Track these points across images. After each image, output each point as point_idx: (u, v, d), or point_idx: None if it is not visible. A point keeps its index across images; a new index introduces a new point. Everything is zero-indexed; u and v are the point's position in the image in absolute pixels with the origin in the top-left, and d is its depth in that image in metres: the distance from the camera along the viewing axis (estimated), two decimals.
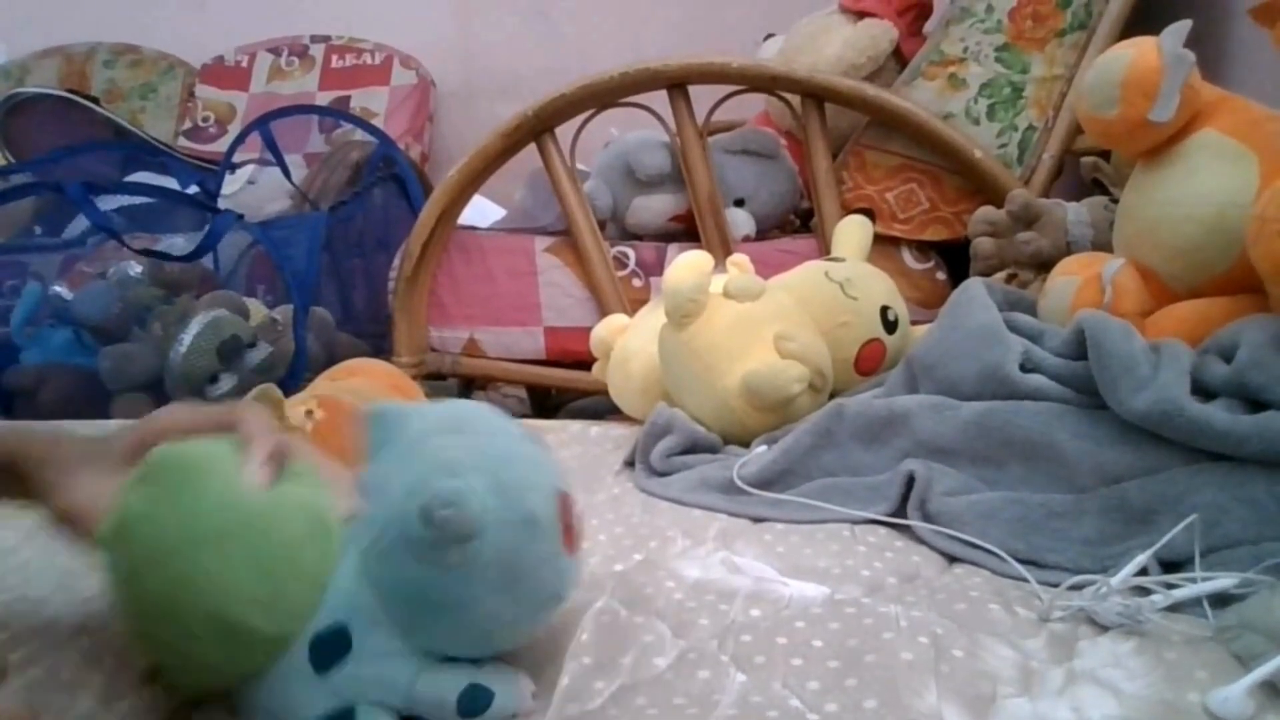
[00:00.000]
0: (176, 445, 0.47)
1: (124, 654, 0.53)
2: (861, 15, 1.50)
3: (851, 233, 1.06)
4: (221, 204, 1.81)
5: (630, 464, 0.85)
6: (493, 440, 0.48)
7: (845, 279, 0.94)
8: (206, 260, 1.59)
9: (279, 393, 0.68)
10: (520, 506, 0.45)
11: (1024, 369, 0.70)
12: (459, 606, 0.44)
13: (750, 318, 0.86)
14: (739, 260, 0.96)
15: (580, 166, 1.51)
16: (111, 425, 0.53)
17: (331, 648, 0.44)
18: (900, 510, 0.68)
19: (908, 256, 1.39)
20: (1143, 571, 0.55)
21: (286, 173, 1.96)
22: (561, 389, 1.56)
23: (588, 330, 1.09)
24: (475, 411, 0.50)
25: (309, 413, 0.69)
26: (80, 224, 1.76)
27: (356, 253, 1.80)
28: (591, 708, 0.47)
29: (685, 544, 0.66)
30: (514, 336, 1.51)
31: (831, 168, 1.39)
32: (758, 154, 1.48)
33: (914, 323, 0.99)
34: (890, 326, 0.94)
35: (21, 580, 0.64)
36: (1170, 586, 0.54)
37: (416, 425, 0.48)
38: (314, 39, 2.79)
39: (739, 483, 0.74)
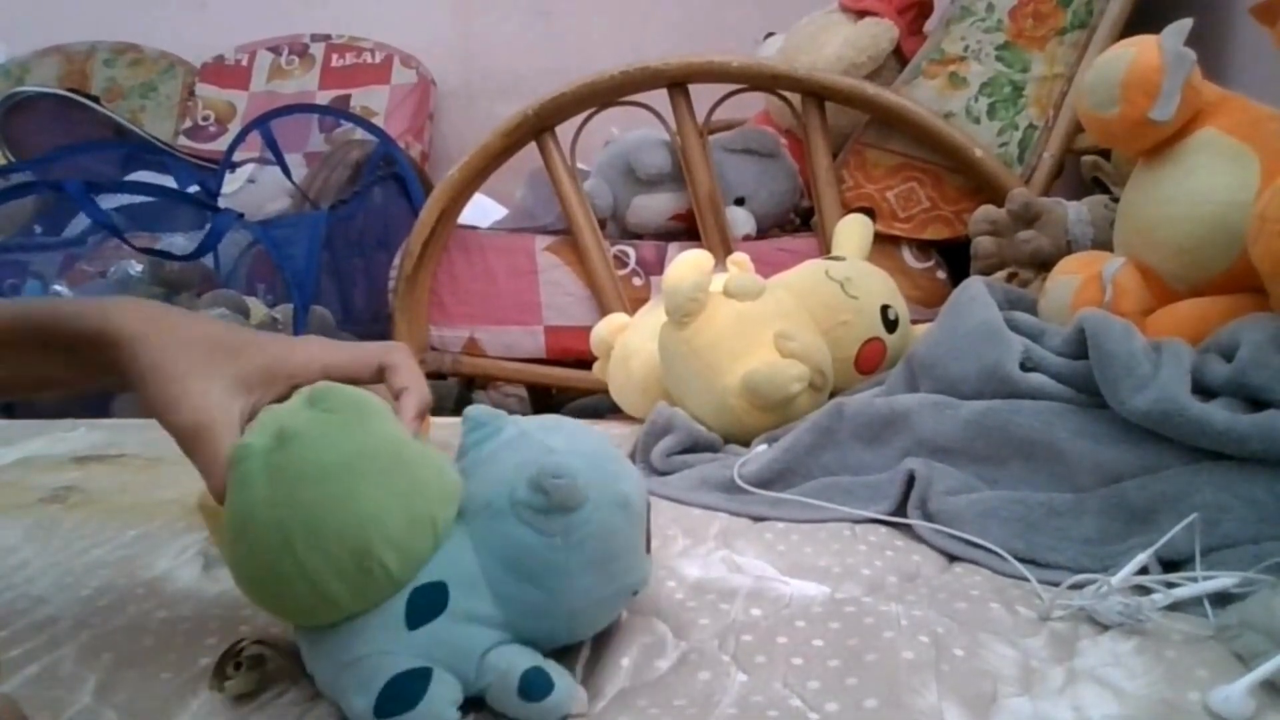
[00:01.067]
0: (345, 386, 0.47)
1: (122, 650, 0.53)
2: (862, 14, 1.50)
3: (852, 231, 1.06)
4: (221, 203, 1.81)
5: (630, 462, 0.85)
6: (583, 437, 0.51)
7: (845, 278, 0.94)
8: (207, 259, 1.59)
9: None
10: (618, 490, 0.47)
11: (1024, 368, 0.70)
12: (554, 574, 0.46)
13: (750, 317, 0.86)
14: (739, 259, 0.96)
15: (580, 165, 1.52)
16: (229, 335, 0.50)
17: (429, 604, 0.45)
18: (901, 509, 0.68)
19: (908, 255, 1.39)
20: (1143, 570, 0.55)
21: (287, 172, 1.96)
22: (562, 388, 1.56)
23: (588, 329, 1.09)
24: (563, 420, 0.53)
25: None
26: (80, 223, 1.76)
27: (357, 252, 1.80)
28: (593, 710, 0.47)
29: (686, 543, 0.66)
30: (514, 335, 1.51)
31: (832, 166, 1.39)
32: (758, 153, 1.48)
33: (914, 322, 0.99)
34: (890, 325, 0.94)
35: (22, 579, 0.65)
36: (1171, 585, 0.54)
37: (512, 426, 0.51)
38: (314, 38, 2.80)
39: (739, 482, 0.74)
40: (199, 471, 0.47)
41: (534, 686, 0.45)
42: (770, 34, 1.80)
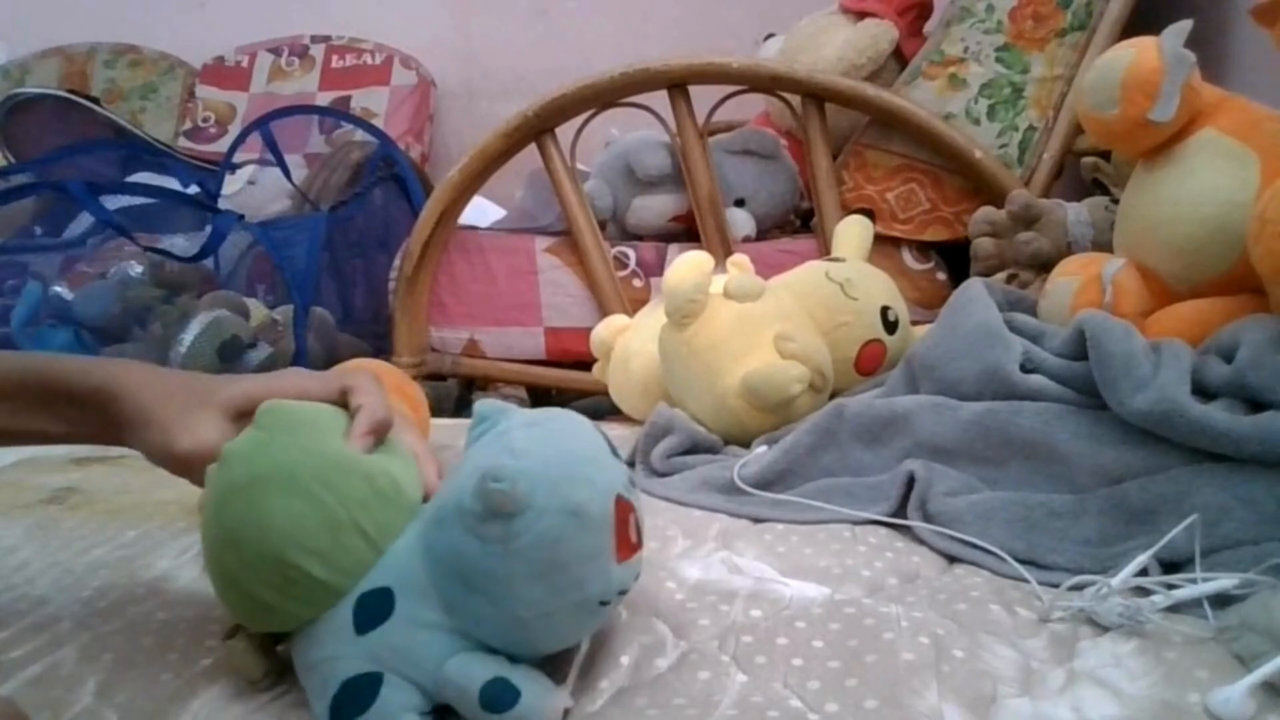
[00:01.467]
0: (288, 401, 0.51)
1: (123, 650, 0.53)
2: (862, 15, 1.50)
3: (852, 233, 1.06)
4: (222, 204, 1.81)
5: (630, 464, 0.85)
6: (562, 436, 0.49)
7: (845, 279, 0.94)
8: (207, 260, 1.59)
9: None
10: (569, 497, 0.45)
11: (1024, 369, 0.70)
12: (495, 583, 0.45)
13: (750, 318, 0.86)
14: (739, 260, 0.96)
15: (580, 166, 1.52)
16: (213, 379, 0.57)
17: (374, 609, 0.46)
18: (901, 510, 0.68)
19: (908, 257, 1.39)
20: (1143, 572, 0.55)
21: (287, 173, 1.96)
22: (561, 389, 1.56)
23: (588, 330, 1.09)
24: (562, 414, 0.52)
25: None
26: (80, 224, 1.76)
27: (357, 253, 1.80)
28: (592, 710, 0.47)
29: (686, 544, 0.66)
30: (514, 336, 1.51)
31: (832, 168, 1.39)
32: (758, 154, 1.48)
33: (914, 323, 0.99)
34: (890, 327, 0.94)
35: (23, 580, 0.65)
36: (1171, 587, 0.54)
37: (505, 421, 0.50)
38: (314, 39, 2.80)
39: (739, 483, 0.74)
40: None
41: (496, 699, 0.44)
42: (770, 35, 1.80)
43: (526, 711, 0.44)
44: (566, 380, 1.50)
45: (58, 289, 1.54)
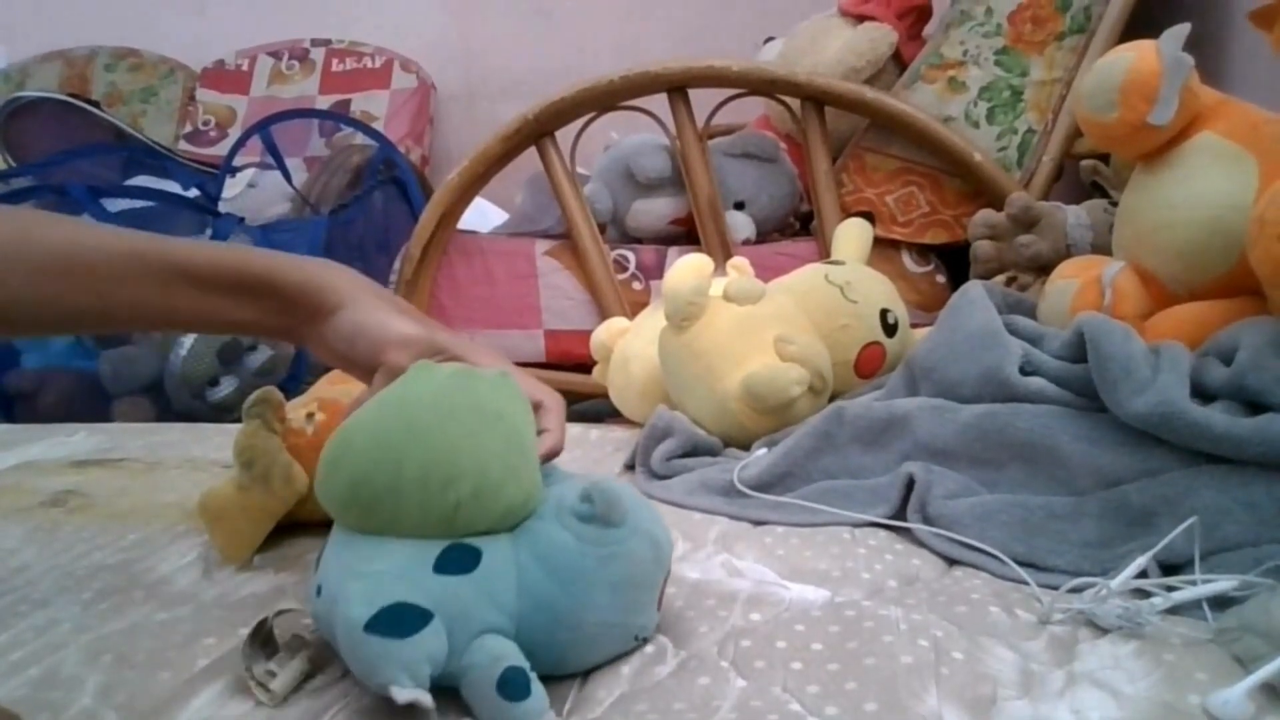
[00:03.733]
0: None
1: (122, 652, 0.53)
2: (861, 18, 1.50)
3: (851, 236, 1.06)
4: (222, 208, 1.81)
5: (630, 467, 0.85)
6: (637, 493, 0.55)
7: (845, 282, 0.94)
8: None
9: (280, 395, 0.68)
10: (654, 531, 0.51)
11: (1024, 372, 0.70)
12: (578, 578, 0.48)
13: (750, 321, 0.86)
14: (739, 263, 0.96)
15: (580, 170, 1.52)
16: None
17: (461, 560, 0.48)
18: (900, 513, 0.68)
19: (908, 259, 1.40)
20: (1143, 574, 0.55)
21: (287, 176, 1.96)
22: (561, 392, 1.56)
23: (588, 333, 1.09)
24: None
25: (310, 415, 0.69)
26: None
27: (357, 256, 1.80)
28: (593, 717, 0.47)
29: (685, 547, 0.67)
30: (514, 339, 1.51)
31: (831, 171, 1.39)
32: (758, 157, 1.48)
33: (914, 325, 0.99)
34: (890, 329, 0.94)
35: (23, 582, 0.65)
36: (1170, 589, 0.54)
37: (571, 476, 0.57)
38: (314, 43, 2.80)
39: (739, 485, 0.74)
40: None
41: (513, 686, 0.45)
42: (770, 38, 1.80)
43: (529, 711, 0.45)
44: (566, 383, 1.49)
45: None
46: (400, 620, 0.45)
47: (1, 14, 2.94)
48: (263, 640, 0.50)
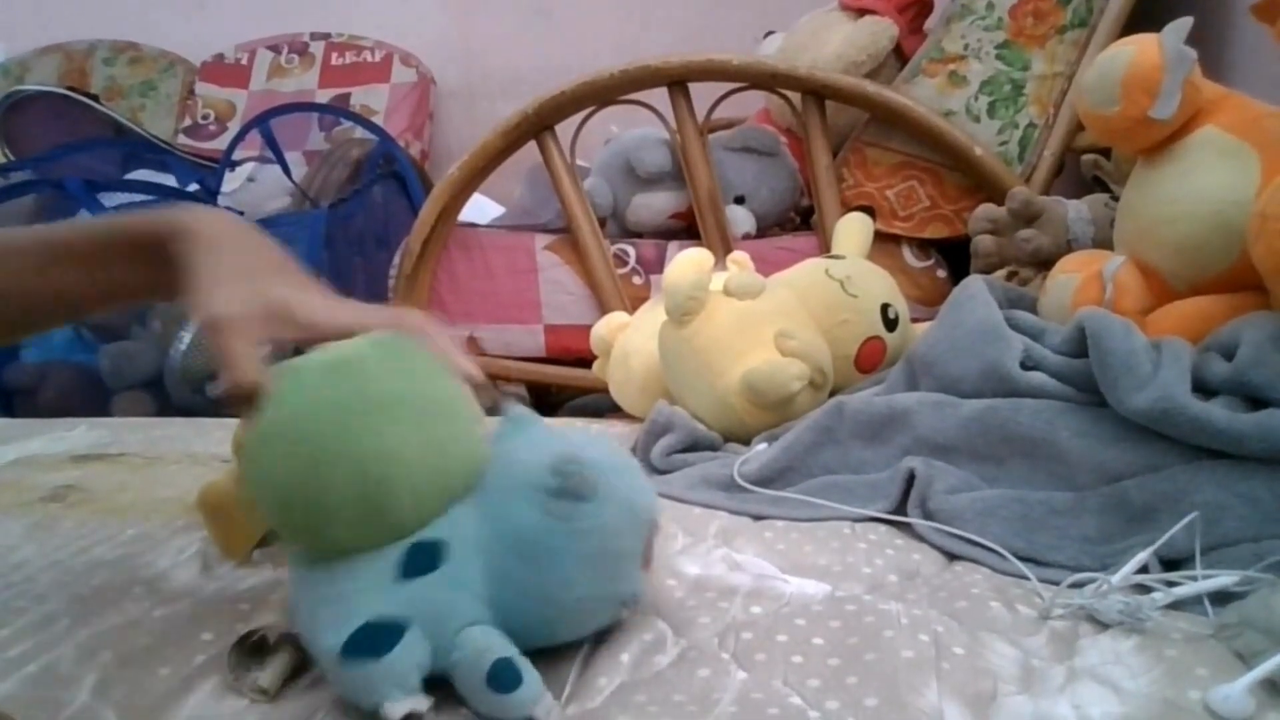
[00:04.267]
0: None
1: (121, 648, 0.53)
2: (862, 12, 1.50)
3: (852, 230, 1.05)
4: (222, 202, 1.81)
5: None
6: (615, 449, 0.53)
7: (846, 276, 0.94)
8: None
9: None
10: (629, 497, 0.49)
11: (1025, 367, 0.70)
12: (550, 558, 0.46)
13: (750, 315, 0.86)
14: (739, 258, 0.96)
15: (580, 164, 1.51)
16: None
17: (426, 558, 0.46)
18: (901, 508, 0.68)
19: (908, 254, 1.39)
20: (1143, 569, 0.55)
21: (286, 170, 1.96)
22: (561, 387, 1.56)
23: (588, 328, 1.09)
24: (601, 436, 0.55)
25: None
26: None
27: (357, 250, 1.80)
28: (592, 706, 0.47)
29: (686, 541, 0.66)
30: (514, 334, 1.51)
31: (832, 165, 1.39)
32: (758, 151, 1.48)
33: (914, 320, 0.98)
34: (891, 324, 0.94)
35: (22, 577, 0.64)
36: (1171, 584, 0.54)
37: (539, 427, 0.52)
38: (314, 36, 2.79)
39: (739, 480, 0.74)
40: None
41: (502, 677, 0.44)
42: (770, 32, 1.80)
43: (523, 700, 0.45)
44: (566, 378, 1.50)
45: None
46: (375, 639, 0.44)
47: (1, 8, 2.94)
48: (250, 649, 0.50)
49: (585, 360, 1.18)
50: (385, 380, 0.46)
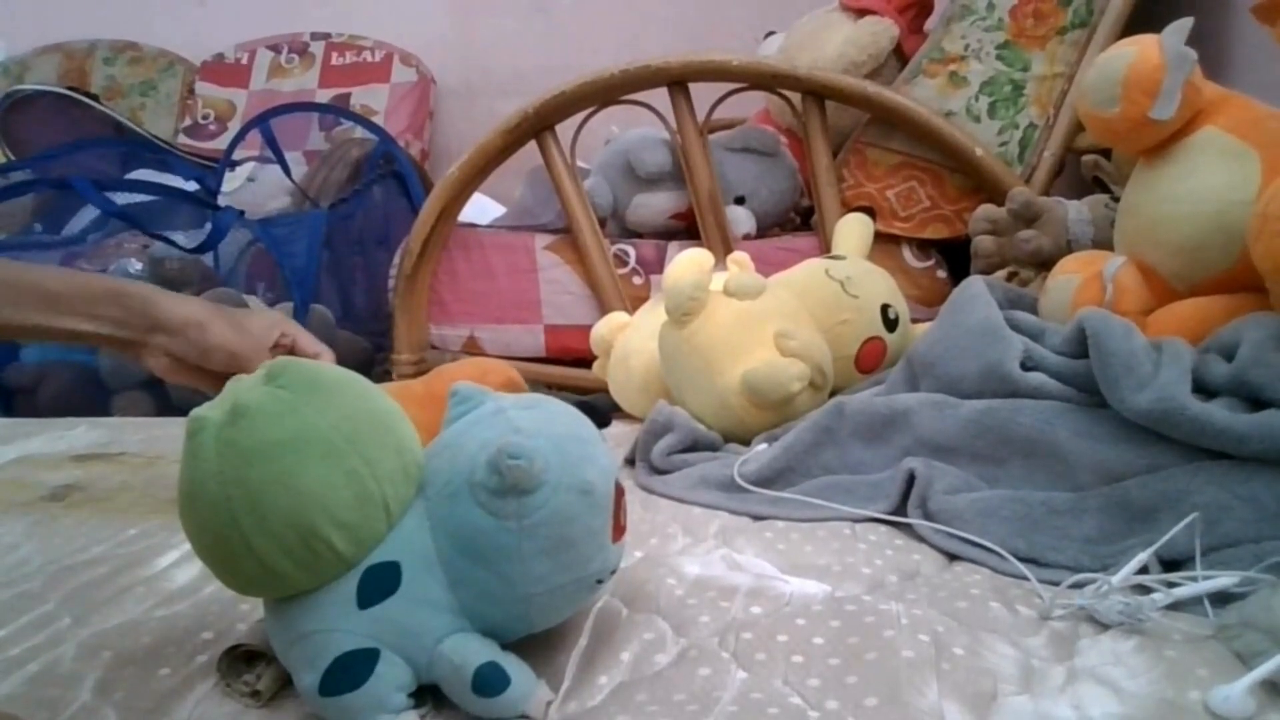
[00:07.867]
0: (307, 361, 0.49)
1: (121, 647, 0.53)
2: (862, 13, 1.49)
3: (852, 230, 1.05)
4: (222, 201, 1.80)
5: (630, 462, 0.85)
6: (562, 419, 0.50)
7: (846, 277, 0.94)
8: (207, 258, 1.59)
9: None
10: (579, 476, 0.47)
11: (1025, 367, 0.70)
12: (507, 558, 0.45)
13: (751, 315, 0.86)
14: (739, 258, 0.96)
15: (581, 164, 1.51)
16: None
17: (381, 583, 0.45)
18: (901, 508, 0.68)
19: (908, 254, 1.39)
20: (1143, 570, 0.55)
21: (286, 170, 1.96)
22: (561, 386, 1.56)
23: (588, 328, 1.09)
24: (549, 399, 0.52)
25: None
26: (80, 221, 1.76)
27: (357, 250, 1.79)
28: (592, 705, 0.47)
29: (686, 541, 0.66)
30: (514, 334, 1.51)
31: (832, 165, 1.39)
32: (758, 151, 1.48)
33: (914, 321, 0.98)
34: (891, 324, 0.94)
35: (22, 576, 0.65)
36: (1171, 585, 0.54)
37: (491, 403, 0.50)
38: (314, 36, 2.79)
39: (739, 480, 0.74)
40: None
41: (488, 682, 0.44)
42: (771, 33, 1.80)
43: (514, 699, 0.45)
44: (566, 378, 1.50)
45: None
46: (349, 671, 0.44)
47: (1, 7, 2.94)
48: (242, 656, 0.50)
49: (585, 360, 1.18)
50: (281, 422, 0.44)
